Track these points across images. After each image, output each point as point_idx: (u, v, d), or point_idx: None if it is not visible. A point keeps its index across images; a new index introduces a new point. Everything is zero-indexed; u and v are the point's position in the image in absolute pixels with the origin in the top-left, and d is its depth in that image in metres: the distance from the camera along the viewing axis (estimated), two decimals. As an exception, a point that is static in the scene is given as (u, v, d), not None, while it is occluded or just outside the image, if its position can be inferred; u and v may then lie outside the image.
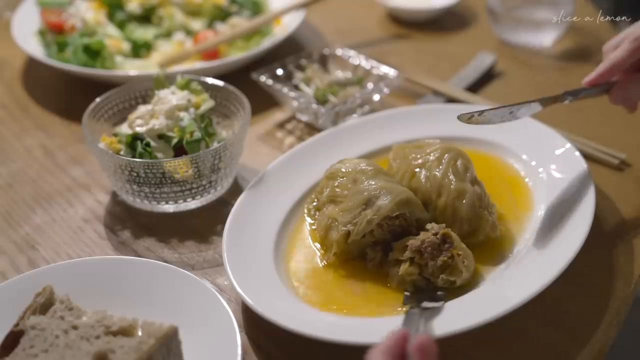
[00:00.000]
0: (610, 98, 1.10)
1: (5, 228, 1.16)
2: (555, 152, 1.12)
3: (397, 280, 0.96)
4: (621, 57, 1.05)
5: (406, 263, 0.95)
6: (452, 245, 0.95)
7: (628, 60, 1.05)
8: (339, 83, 1.36)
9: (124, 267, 0.98)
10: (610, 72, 1.07)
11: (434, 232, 0.96)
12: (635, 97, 1.09)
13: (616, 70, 1.07)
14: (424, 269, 0.95)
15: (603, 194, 1.12)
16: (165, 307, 0.93)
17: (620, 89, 1.08)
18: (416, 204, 1.01)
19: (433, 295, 0.93)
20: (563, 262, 0.92)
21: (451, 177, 1.03)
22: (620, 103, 1.10)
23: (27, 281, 0.96)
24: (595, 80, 1.08)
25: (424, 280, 0.96)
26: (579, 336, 0.92)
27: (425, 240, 0.95)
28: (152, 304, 0.93)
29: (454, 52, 1.56)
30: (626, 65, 1.06)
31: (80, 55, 1.43)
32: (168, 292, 0.95)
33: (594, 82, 1.08)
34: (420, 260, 0.95)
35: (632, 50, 1.05)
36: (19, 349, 0.82)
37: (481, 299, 0.91)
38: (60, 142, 1.36)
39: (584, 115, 1.27)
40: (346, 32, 1.67)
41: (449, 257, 0.94)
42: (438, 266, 0.94)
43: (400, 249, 0.97)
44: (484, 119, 1.02)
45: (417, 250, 0.95)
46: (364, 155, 1.18)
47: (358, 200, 1.01)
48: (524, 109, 1.05)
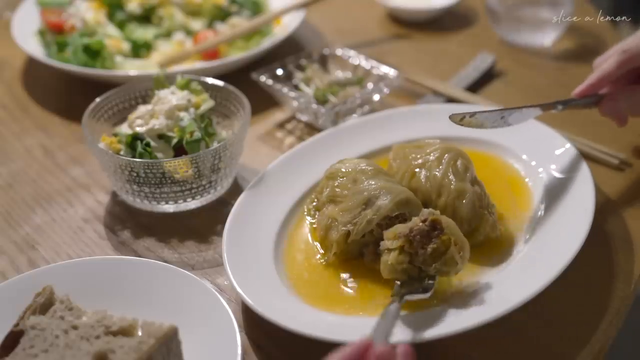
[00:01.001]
0: (600, 110, 1.11)
1: (5, 228, 1.16)
2: (555, 152, 1.12)
3: (388, 270, 0.93)
4: (610, 69, 1.07)
5: (395, 251, 0.93)
6: (442, 232, 0.92)
7: (616, 72, 1.07)
8: (339, 83, 1.36)
9: (124, 267, 0.98)
10: (600, 83, 1.08)
11: (423, 219, 0.93)
12: (624, 110, 1.11)
13: (605, 82, 1.08)
14: (415, 258, 0.92)
15: (603, 194, 1.12)
16: (165, 307, 0.93)
17: (609, 101, 1.10)
18: (416, 204, 1.01)
19: (424, 285, 0.91)
20: (563, 262, 0.92)
21: (451, 177, 1.03)
22: (609, 115, 1.12)
23: (27, 281, 0.96)
24: (584, 92, 1.10)
25: (417, 269, 0.93)
26: (579, 336, 0.92)
27: (414, 228, 0.92)
28: (152, 304, 0.93)
29: (454, 52, 1.56)
30: (615, 77, 1.08)
31: (80, 55, 1.43)
32: (168, 292, 0.95)
33: (583, 93, 1.10)
34: (410, 248, 0.92)
35: (621, 62, 1.07)
36: (19, 349, 0.82)
37: (481, 299, 0.91)
38: (60, 142, 1.36)
39: (584, 115, 1.26)
40: (346, 32, 1.67)
41: (441, 244, 0.91)
42: (429, 254, 0.91)
43: (390, 237, 0.94)
44: (475, 121, 1.03)
45: (407, 239, 0.92)
46: (364, 155, 1.18)
47: (358, 200, 1.01)
48: (515, 114, 1.07)
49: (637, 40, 1.08)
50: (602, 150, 1.21)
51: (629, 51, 1.07)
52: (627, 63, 1.07)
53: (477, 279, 0.96)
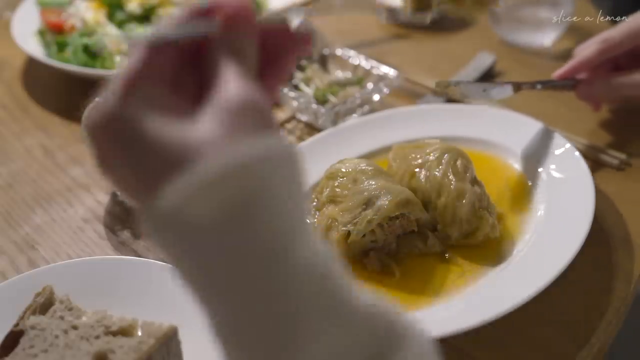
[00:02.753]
0: (576, 93, 1.20)
1: (5, 228, 1.16)
2: (555, 152, 1.12)
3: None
4: (589, 56, 1.14)
5: None
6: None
7: (595, 60, 1.14)
8: (339, 83, 1.36)
9: (123, 267, 0.98)
10: (579, 68, 1.16)
11: None
12: (599, 95, 1.19)
13: (584, 68, 1.16)
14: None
15: (603, 194, 1.12)
16: (165, 307, 0.93)
17: (586, 85, 1.18)
18: (416, 204, 1.01)
19: None
20: (563, 262, 0.92)
21: (451, 177, 1.03)
22: (584, 98, 1.20)
23: (27, 281, 0.95)
24: (564, 75, 1.18)
25: None
26: (579, 336, 0.92)
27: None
28: (152, 304, 0.93)
29: (454, 52, 1.56)
30: (593, 65, 1.15)
31: (80, 55, 1.43)
32: (168, 292, 0.94)
33: (563, 76, 1.18)
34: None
35: (600, 50, 1.14)
36: (19, 349, 0.82)
37: (481, 299, 0.91)
38: (60, 142, 1.36)
39: (584, 115, 1.27)
40: (346, 32, 1.67)
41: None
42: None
43: None
44: (459, 90, 1.12)
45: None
46: (364, 155, 1.18)
47: (358, 200, 1.01)
48: (496, 89, 1.14)
49: (617, 31, 1.16)
50: (602, 150, 1.21)
51: (608, 40, 1.15)
52: (606, 52, 1.15)
53: (477, 279, 0.96)
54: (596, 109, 1.23)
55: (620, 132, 1.25)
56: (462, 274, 0.97)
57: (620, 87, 1.17)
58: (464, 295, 0.93)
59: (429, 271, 0.99)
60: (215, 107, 0.51)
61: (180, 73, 0.54)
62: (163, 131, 0.50)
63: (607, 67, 1.19)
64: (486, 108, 1.24)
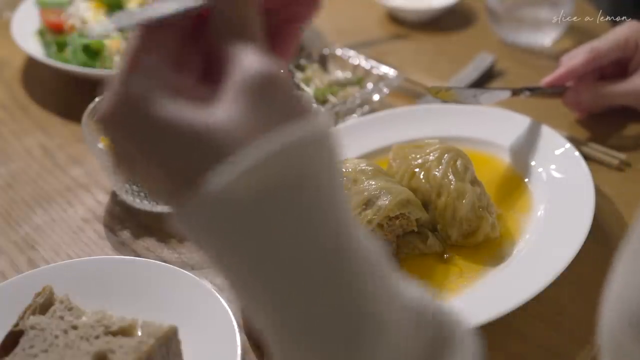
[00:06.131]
0: (563, 100, 1.23)
1: (5, 228, 1.16)
2: (555, 152, 1.12)
3: None
4: (577, 65, 1.18)
5: None
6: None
7: (582, 69, 1.18)
8: (339, 83, 1.36)
9: (123, 267, 0.98)
10: (566, 76, 1.19)
11: None
12: (585, 102, 1.22)
13: (572, 76, 1.19)
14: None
15: (603, 194, 1.12)
16: (165, 307, 0.93)
17: (572, 92, 1.21)
18: (416, 204, 1.01)
19: None
20: (563, 262, 0.92)
21: (451, 177, 1.03)
22: (570, 106, 1.24)
23: (26, 281, 0.95)
24: (552, 82, 1.21)
25: None
26: (578, 336, 0.92)
27: None
28: (152, 304, 0.93)
29: (454, 52, 1.56)
30: (580, 73, 1.18)
31: (79, 55, 1.43)
32: (168, 292, 0.95)
33: (551, 84, 1.21)
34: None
35: (587, 60, 1.17)
36: (19, 349, 0.82)
37: (481, 299, 0.91)
38: (60, 142, 1.36)
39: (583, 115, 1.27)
40: (346, 32, 1.67)
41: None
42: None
43: None
44: (451, 95, 1.14)
45: None
46: (364, 155, 1.18)
47: (358, 200, 1.01)
48: (486, 94, 1.17)
49: (605, 42, 1.19)
50: (602, 151, 1.21)
51: (595, 50, 1.18)
52: (593, 61, 1.18)
53: (477, 279, 0.96)
54: (582, 115, 1.27)
55: (620, 133, 1.25)
56: (461, 274, 0.97)
57: (606, 96, 1.21)
58: (464, 296, 0.93)
59: (428, 271, 0.99)
60: (235, 86, 0.47)
61: (183, 52, 0.50)
62: (183, 117, 0.45)
63: (594, 75, 1.22)
64: (486, 108, 1.24)
